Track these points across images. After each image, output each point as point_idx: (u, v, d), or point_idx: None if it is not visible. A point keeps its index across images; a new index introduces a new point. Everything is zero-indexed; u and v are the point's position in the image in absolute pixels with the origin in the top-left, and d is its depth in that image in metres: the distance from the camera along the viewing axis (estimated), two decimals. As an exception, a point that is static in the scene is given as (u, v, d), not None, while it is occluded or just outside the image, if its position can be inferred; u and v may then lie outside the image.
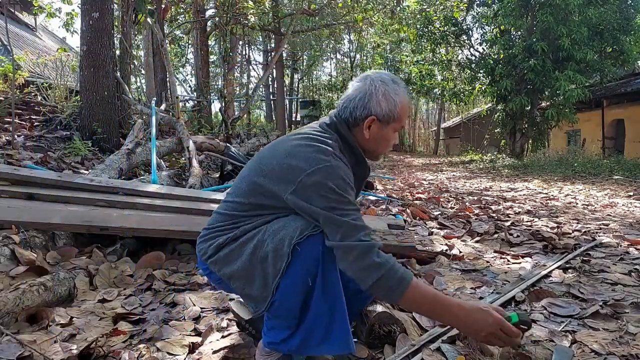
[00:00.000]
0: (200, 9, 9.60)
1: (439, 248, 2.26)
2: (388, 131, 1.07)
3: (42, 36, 13.25)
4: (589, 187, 5.90)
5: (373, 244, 0.90)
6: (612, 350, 1.13)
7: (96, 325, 1.33)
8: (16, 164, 3.17)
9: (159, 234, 1.97)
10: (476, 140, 18.78)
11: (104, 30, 4.59)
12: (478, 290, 1.64)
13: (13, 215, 1.90)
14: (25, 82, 6.07)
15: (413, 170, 10.16)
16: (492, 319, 0.91)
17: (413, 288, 0.90)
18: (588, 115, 12.29)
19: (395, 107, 1.04)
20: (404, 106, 1.06)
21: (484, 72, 12.76)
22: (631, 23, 10.57)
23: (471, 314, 0.92)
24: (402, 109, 1.06)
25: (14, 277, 1.58)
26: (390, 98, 1.04)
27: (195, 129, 7.34)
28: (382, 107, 1.03)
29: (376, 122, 1.04)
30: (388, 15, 12.09)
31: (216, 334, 1.28)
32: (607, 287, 1.63)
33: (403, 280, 0.89)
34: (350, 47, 23.35)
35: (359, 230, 0.90)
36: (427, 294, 0.93)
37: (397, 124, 1.07)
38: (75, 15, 7.75)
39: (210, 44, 12.28)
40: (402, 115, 1.06)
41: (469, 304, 0.97)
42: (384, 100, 1.03)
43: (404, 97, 1.06)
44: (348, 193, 0.93)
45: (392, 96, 1.04)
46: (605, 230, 2.80)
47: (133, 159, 3.80)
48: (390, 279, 0.89)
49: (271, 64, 11.49)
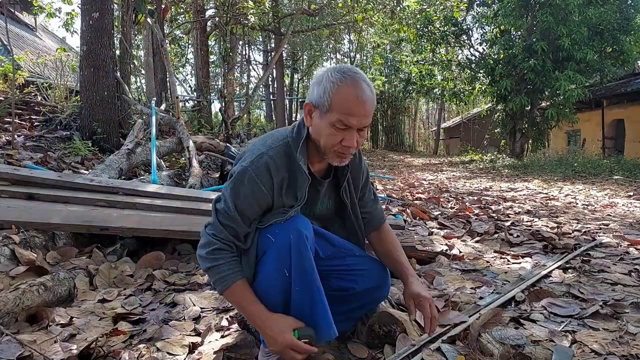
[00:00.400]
0: (200, 9, 9.60)
1: (439, 248, 2.26)
2: (324, 122, 0.96)
3: (42, 36, 13.24)
4: (589, 187, 5.90)
5: (213, 241, 1.00)
6: (612, 350, 1.13)
7: (96, 325, 1.33)
8: (16, 164, 3.17)
9: (159, 234, 1.97)
10: (476, 140, 18.78)
11: (104, 30, 4.59)
12: (478, 290, 1.64)
13: (13, 215, 1.90)
14: (25, 82, 6.06)
15: (413, 170, 10.16)
16: (281, 338, 0.96)
17: (230, 290, 1.00)
18: (588, 115, 12.29)
19: (325, 93, 0.94)
20: (340, 96, 0.93)
21: (484, 72, 12.75)
22: (631, 23, 10.56)
23: (265, 329, 0.98)
24: (335, 98, 0.93)
25: (14, 277, 1.58)
26: (323, 84, 0.95)
27: (195, 129, 7.34)
28: (314, 93, 0.97)
29: (314, 108, 0.98)
30: (388, 15, 12.09)
31: (216, 333, 1.28)
32: (607, 287, 1.63)
33: (222, 281, 1.00)
34: (350, 47, 23.35)
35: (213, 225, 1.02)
36: (238, 301, 1.02)
37: (332, 116, 0.94)
38: (75, 15, 7.76)
39: (210, 44, 12.28)
40: (336, 106, 0.94)
41: (268, 317, 0.99)
42: (317, 85, 0.97)
43: (342, 87, 0.93)
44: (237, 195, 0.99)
45: (324, 82, 0.95)
46: (605, 230, 2.80)
47: (133, 159, 3.80)
48: (213, 276, 1.01)
49: (271, 64, 11.49)
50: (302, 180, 1.02)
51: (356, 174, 1.19)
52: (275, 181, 1.00)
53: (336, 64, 1.05)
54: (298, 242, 0.97)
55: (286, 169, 1.01)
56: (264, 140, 1.07)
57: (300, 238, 0.97)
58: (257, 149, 1.03)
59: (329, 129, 0.97)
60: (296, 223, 0.99)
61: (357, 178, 1.19)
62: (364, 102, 0.95)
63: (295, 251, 0.97)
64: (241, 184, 0.99)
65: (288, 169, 1.02)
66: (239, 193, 0.99)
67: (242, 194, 0.99)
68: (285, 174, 1.01)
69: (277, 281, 0.99)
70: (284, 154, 1.02)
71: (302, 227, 0.99)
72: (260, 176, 0.98)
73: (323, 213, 1.20)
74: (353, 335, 1.25)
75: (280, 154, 1.01)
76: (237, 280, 1.00)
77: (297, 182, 1.02)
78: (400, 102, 22.11)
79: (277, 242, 0.98)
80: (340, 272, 1.19)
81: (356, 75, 0.96)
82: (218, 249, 1.00)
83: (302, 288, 0.98)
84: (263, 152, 1.00)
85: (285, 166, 1.01)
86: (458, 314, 1.34)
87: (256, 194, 0.99)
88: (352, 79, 0.95)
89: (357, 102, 0.94)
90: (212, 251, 1.00)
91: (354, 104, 0.94)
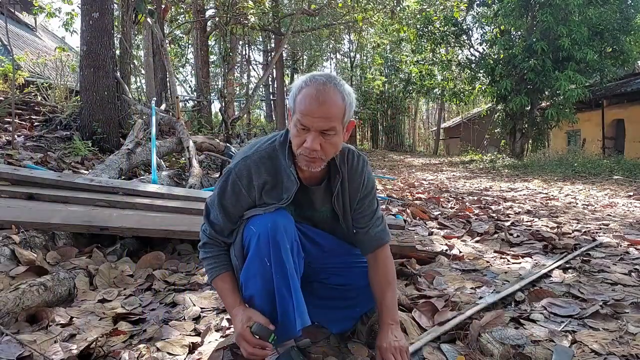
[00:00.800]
0: (200, 9, 9.60)
1: (439, 248, 2.26)
2: (291, 123, 0.99)
3: (42, 36, 13.25)
4: (589, 187, 5.89)
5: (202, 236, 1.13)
6: (612, 350, 1.13)
7: (96, 325, 1.33)
8: (16, 164, 3.17)
9: (159, 234, 1.97)
10: (476, 140, 18.77)
11: (104, 30, 4.59)
12: (478, 290, 1.64)
13: (13, 215, 1.90)
14: (25, 82, 6.07)
15: (413, 170, 10.16)
16: (237, 329, 1.01)
17: (214, 282, 1.11)
18: (588, 115, 12.29)
19: (292, 95, 0.98)
20: (300, 97, 0.94)
21: (484, 72, 12.75)
22: (631, 23, 10.57)
23: (232, 318, 1.06)
24: (297, 99, 0.95)
25: (14, 277, 1.58)
26: (293, 87, 0.99)
27: (195, 129, 7.34)
28: (290, 97, 1.01)
29: (290, 112, 1.01)
30: (388, 15, 12.09)
31: (216, 334, 1.28)
32: (607, 287, 1.63)
33: (209, 273, 1.12)
34: (350, 47, 23.36)
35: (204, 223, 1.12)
36: (219, 292, 1.14)
37: (294, 117, 0.97)
38: (75, 15, 7.76)
39: (210, 44, 12.28)
40: (297, 106, 0.95)
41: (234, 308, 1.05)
42: (292, 89, 1.00)
43: (303, 89, 0.95)
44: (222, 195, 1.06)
45: (295, 86, 0.98)
46: (605, 230, 2.80)
47: (133, 159, 3.80)
48: (205, 268, 1.14)
49: (271, 64, 11.49)
50: (290, 184, 1.04)
51: (355, 184, 1.13)
52: (256, 184, 1.04)
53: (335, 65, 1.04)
54: (275, 231, 0.99)
55: (268, 172, 1.04)
56: (254, 142, 1.11)
57: (277, 228, 0.99)
58: (245, 151, 1.08)
59: (293, 129, 0.98)
60: (275, 215, 1.02)
61: (355, 189, 1.13)
62: (321, 103, 0.93)
63: (272, 240, 0.99)
64: (225, 184, 1.06)
65: (271, 172, 1.04)
66: (224, 193, 1.06)
67: (226, 195, 1.05)
68: (268, 177, 1.04)
69: (257, 270, 1.01)
70: (268, 157, 1.04)
71: (279, 218, 1.01)
72: (241, 178, 1.04)
73: (322, 220, 1.19)
74: (353, 335, 1.25)
75: (264, 157, 1.04)
76: (221, 273, 1.09)
77: (281, 184, 1.04)
78: (400, 102, 22.11)
79: (257, 233, 1.01)
80: (340, 269, 1.21)
81: (326, 80, 0.95)
82: (207, 243, 1.12)
83: (279, 276, 1.00)
84: (248, 156, 1.05)
85: (267, 169, 1.04)
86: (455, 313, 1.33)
87: (237, 195, 1.05)
88: (318, 82, 0.95)
89: (313, 102, 0.93)
90: (203, 245, 1.12)
91: (310, 104, 0.93)
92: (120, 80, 5.26)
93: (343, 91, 0.96)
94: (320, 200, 1.14)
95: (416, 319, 1.33)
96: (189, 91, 16.11)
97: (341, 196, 1.12)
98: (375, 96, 21.46)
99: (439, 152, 22.72)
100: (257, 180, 1.03)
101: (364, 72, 22.02)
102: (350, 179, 1.12)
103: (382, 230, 1.17)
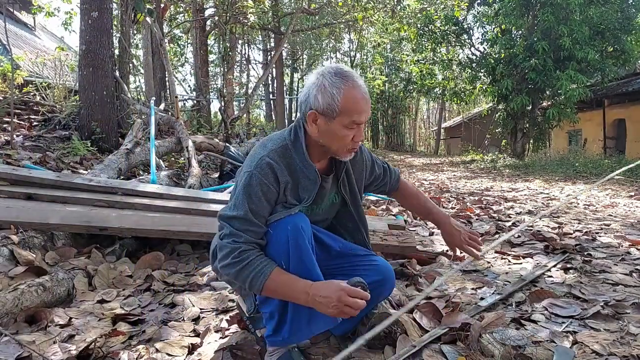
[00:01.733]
0: (199, 8, 9.58)
1: (439, 248, 2.25)
2: (335, 126, 1.01)
3: (41, 35, 13.23)
4: (590, 187, 5.88)
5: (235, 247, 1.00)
6: (613, 350, 1.12)
7: (95, 326, 1.32)
8: (15, 164, 3.16)
9: (158, 235, 1.96)
10: (477, 140, 18.75)
11: (103, 29, 4.58)
12: (479, 291, 1.63)
13: (12, 215, 1.90)
14: (24, 82, 6.05)
15: (414, 170, 10.15)
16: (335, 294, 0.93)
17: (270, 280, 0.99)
18: (589, 115, 12.27)
19: (334, 100, 0.99)
20: (348, 100, 0.99)
21: (485, 71, 12.73)
22: (632, 22, 10.54)
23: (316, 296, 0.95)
24: (344, 102, 0.99)
25: (13, 277, 1.57)
26: (327, 91, 0.99)
27: (194, 129, 7.33)
28: (319, 101, 1.01)
29: (319, 116, 1.02)
30: (388, 14, 12.07)
31: (215, 334, 1.28)
32: (608, 288, 1.63)
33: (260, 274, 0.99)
34: (351, 46, 23.34)
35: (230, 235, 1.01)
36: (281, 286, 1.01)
37: (345, 118, 1.00)
38: (74, 15, 7.75)
39: (209, 43, 12.27)
40: (346, 109, 1.00)
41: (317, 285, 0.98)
42: (320, 93, 1.00)
43: (347, 91, 0.99)
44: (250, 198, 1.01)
45: (329, 89, 0.99)
46: (607, 230, 2.79)
47: (132, 159, 3.79)
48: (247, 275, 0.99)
49: (271, 63, 11.47)
50: (308, 183, 1.07)
51: (360, 166, 1.24)
52: (281, 181, 1.04)
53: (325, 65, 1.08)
54: (295, 234, 1.00)
55: (288, 173, 1.05)
56: (262, 144, 1.11)
57: (297, 230, 1.01)
58: (258, 153, 1.07)
59: (342, 131, 1.02)
60: (294, 218, 1.03)
61: (360, 171, 1.24)
62: (367, 100, 1.03)
63: (292, 242, 1.00)
64: (250, 187, 1.02)
65: (289, 171, 1.06)
66: (251, 196, 1.02)
67: (254, 197, 1.02)
68: (288, 177, 1.05)
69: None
70: (283, 156, 1.06)
71: (299, 221, 1.03)
72: (266, 176, 1.03)
73: (331, 207, 1.23)
74: (353, 336, 1.25)
75: (280, 157, 1.05)
76: (274, 268, 1.00)
77: (300, 184, 1.07)
78: (401, 102, 22.11)
79: (275, 236, 1.02)
80: (346, 269, 1.21)
81: (353, 75, 1.03)
82: (243, 250, 1.00)
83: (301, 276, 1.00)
84: (264, 155, 1.05)
85: (286, 170, 1.05)
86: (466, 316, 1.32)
87: (266, 194, 1.03)
88: (352, 80, 1.01)
89: (364, 101, 1.02)
90: (239, 254, 0.99)
91: (363, 103, 1.02)
92: (119, 79, 5.25)
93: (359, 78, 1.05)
94: (329, 188, 1.19)
95: (417, 320, 1.32)
96: (188, 91, 16.10)
97: (347, 182, 1.20)
98: (375, 96, 21.46)
99: (440, 152, 22.71)
100: (281, 177, 1.04)
101: (365, 72, 22.01)
102: (352, 163, 1.20)
103: (394, 174, 1.38)
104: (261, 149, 1.07)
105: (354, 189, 1.22)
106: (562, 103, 10.78)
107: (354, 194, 1.22)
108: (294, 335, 1.04)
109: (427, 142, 29.28)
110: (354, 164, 1.21)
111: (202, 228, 2.01)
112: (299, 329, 1.03)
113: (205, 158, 5.21)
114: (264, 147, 1.08)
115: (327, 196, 1.19)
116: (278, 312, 1.04)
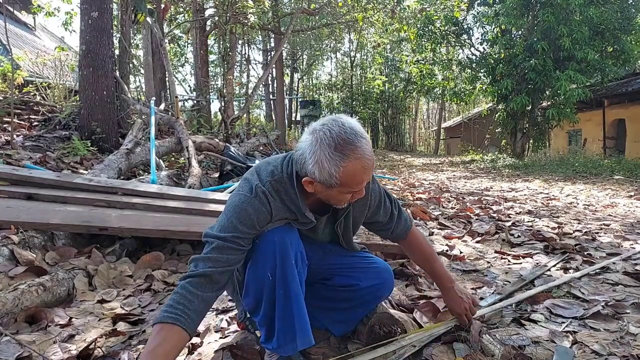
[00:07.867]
0: (199, 8, 9.58)
1: (439, 248, 2.25)
2: (333, 192, 0.96)
3: (41, 35, 13.23)
4: (590, 187, 5.89)
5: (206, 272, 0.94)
6: (613, 350, 1.12)
7: (95, 326, 1.32)
8: (15, 164, 3.16)
9: (158, 235, 1.96)
10: (477, 140, 18.75)
11: (103, 29, 4.58)
12: (479, 291, 1.64)
13: (12, 215, 1.90)
14: (24, 82, 6.06)
15: (413, 170, 10.15)
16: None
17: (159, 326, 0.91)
18: (589, 115, 12.27)
19: (331, 177, 0.91)
20: (348, 175, 0.91)
21: (485, 71, 12.73)
22: (632, 23, 10.55)
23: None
24: (343, 178, 0.91)
25: (13, 277, 1.57)
26: (325, 169, 0.90)
27: (194, 129, 7.33)
28: (316, 174, 0.92)
29: (316, 182, 0.95)
30: (388, 14, 12.06)
31: (215, 334, 1.28)
32: (608, 288, 1.63)
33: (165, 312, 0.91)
34: (350, 47, 23.34)
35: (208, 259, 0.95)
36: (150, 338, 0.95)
37: (344, 189, 0.95)
38: (74, 15, 7.74)
39: (209, 43, 12.26)
40: (345, 182, 0.92)
41: None
42: (317, 167, 0.91)
43: (347, 168, 0.90)
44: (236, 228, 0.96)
45: (326, 165, 0.90)
46: (606, 230, 2.79)
47: (132, 159, 3.79)
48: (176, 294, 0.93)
49: (271, 63, 11.47)
50: (304, 219, 1.04)
51: (361, 207, 1.15)
52: (274, 215, 1.00)
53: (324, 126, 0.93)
54: (282, 248, 0.99)
55: (282, 208, 1.01)
56: (257, 173, 1.04)
57: (284, 245, 0.99)
58: (254, 179, 1.01)
59: (341, 196, 0.98)
60: (281, 231, 1.01)
61: (360, 211, 1.16)
62: (370, 166, 0.94)
63: (279, 256, 0.99)
64: (243, 211, 0.97)
65: (284, 208, 1.01)
66: (241, 219, 0.97)
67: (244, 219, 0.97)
68: (282, 213, 1.01)
69: (258, 284, 1.01)
70: (277, 191, 1.00)
71: (286, 235, 1.01)
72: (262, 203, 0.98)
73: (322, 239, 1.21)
74: (353, 336, 1.25)
75: (276, 191, 1.00)
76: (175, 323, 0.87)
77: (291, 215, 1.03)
78: (401, 102, 22.11)
79: (262, 246, 1.00)
80: (344, 270, 1.21)
81: (353, 144, 0.90)
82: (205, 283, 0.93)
83: (283, 292, 0.99)
84: (259, 184, 0.99)
85: (280, 204, 1.00)
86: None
87: (259, 219, 0.98)
88: (353, 153, 0.90)
89: (365, 171, 0.93)
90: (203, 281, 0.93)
91: (364, 175, 0.94)
92: (119, 79, 5.25)
93: (363, 132, 0.94)
94: (323, 225, 1.17)
95: (417, 320, 1.32)
96: (188, 91, 16.08)
97: (344, 221, 1.15)
98: (375, 96, 21.46)
99: (440, 152, 22.71)
100: (275, 211, 0.99)
101: (364, 72, 22.01)
102: (353, 205, 1.11)
103: (404, 223, 1.24)
104: (255, 178, 1.01)
105: (349, 226, 1.16)
106: (561, 103, 10.78)
107: (348, 231, 1.18)
108: (281, 348, 1.02)
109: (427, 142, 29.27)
110: (354, 204, 1.11)
111: (202, 228, 1.98)
112: (285, 343, 1.01)
113: (205, 158, 5.21)
114: (259, 176, 1.01)
115: (320, 231, 1.17)
116: (265, 323, 1.03)
